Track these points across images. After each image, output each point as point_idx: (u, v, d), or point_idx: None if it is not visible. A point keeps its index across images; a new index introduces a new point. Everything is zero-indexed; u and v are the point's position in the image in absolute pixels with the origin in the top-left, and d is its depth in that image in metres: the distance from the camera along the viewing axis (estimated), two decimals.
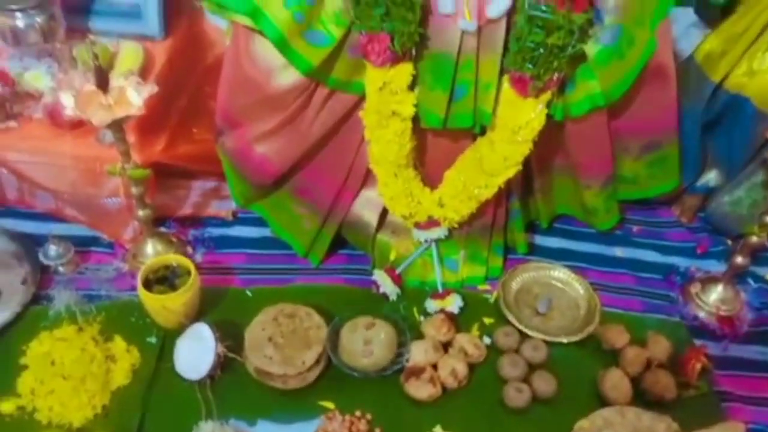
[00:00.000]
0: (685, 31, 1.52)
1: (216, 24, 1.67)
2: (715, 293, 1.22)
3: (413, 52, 0.98)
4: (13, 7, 1.33)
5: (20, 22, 1.35)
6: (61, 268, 1.23)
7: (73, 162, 1.25)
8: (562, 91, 1.04)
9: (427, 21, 0.97)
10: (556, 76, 0.98)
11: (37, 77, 1.35)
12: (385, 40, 0.94)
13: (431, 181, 1.16)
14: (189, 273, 1.10)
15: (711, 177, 1.37)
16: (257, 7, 0.95)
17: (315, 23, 0.98)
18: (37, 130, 1.28)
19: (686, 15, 1.52)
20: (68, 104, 1.01)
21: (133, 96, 1.01)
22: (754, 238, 1.12)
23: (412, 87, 1.02)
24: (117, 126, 1.02)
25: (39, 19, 1.35)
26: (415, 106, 1.02)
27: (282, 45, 0.97)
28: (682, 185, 1.34)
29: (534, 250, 1.34)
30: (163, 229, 1.33)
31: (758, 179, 1.22)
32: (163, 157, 1.30)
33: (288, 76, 1.04)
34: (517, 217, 1.26)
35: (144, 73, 1.41)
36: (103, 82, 1.00)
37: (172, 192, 1.40)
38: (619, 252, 1.35)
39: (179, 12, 1.57)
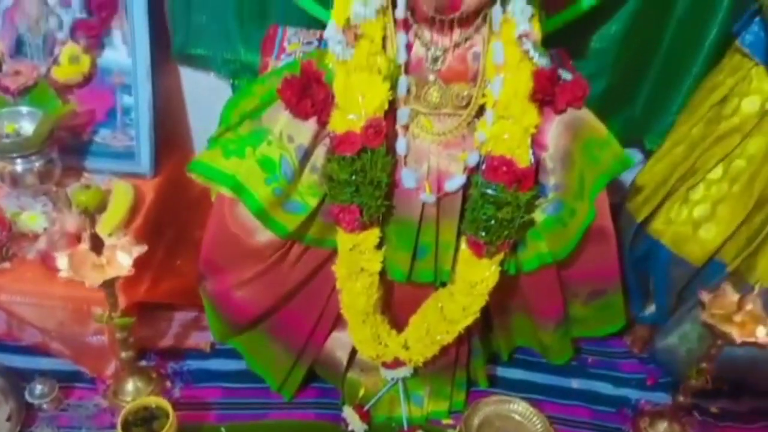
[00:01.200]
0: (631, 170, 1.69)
1: None
2: (662, 428, 1.30)
3: (380, 218, 1.10)
4: (14, 154, 1.45)
5: (19, 167, 1.46)
6: (45, 406, 1.29)
7: (63, 303, 1.33)
8: (515, 251, 1.16)
9: (392, 192, 1.09)
10: (507, 241, 1.10)
11: (32, 218, 1.44)
12: (355, 212, 1.06)
13: (398, 324, 1.26)
14: (167, 416, 1.16)
15: (653, 309, 1.50)
16: (241, 184, 1.07)
17: (293, 195, 1.10)
18: (29, 272, 1.36)
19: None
20: (63, 266, 1.09)
21: (124, 258, 1.10)
22: (693, 382, 1.22)
23: (379, 246, 1.13)
24: (108, 284, 1.11)
25: (37, 164, 1.46)
26: (382, 263, 1.13)
27: (262, 216, 1.08)
28: (630, 316, 1.46)
29: (496, 382, 1.42)
30: (143, 363, 1.40)
31: (688, 328, 1.34)
32: (147, 297, 1.38)
33: (267, 235, 1.15)
34: (479, 354, 1.35)
35: (133, 211, 1.51)
36: (97, 244, 1.09)
37: (153, 324, 1.48)
38: (575, 384, 1.44)
39: (169, 148, 1.69)
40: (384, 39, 1.04)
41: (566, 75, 1.32)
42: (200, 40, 1.56)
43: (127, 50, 1.50)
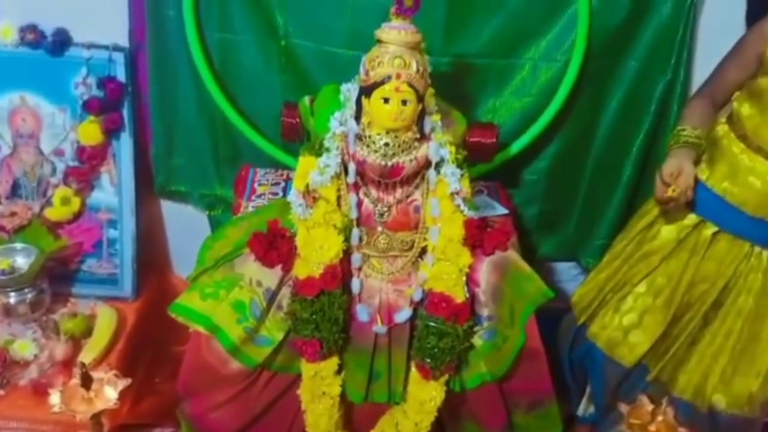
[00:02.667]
0: (574, 278, 1.89)
1: (183, 277, 1.96)
2: None
3: (339, 348, 1.26)
4: (9, 288, 1.59)
5: (13, 299, 1.60)
6: None
7: (53, 427, 1.45)
8: (458, 371, 1.32)
9: (349, 325, 1.26)
10: (451, 365, 1.26)
11: (23, 346, 1.57)
12: (316, 345, 1.22)
13: None
14: None
15: (593, 410, 1.65)
16: (215, 324, 1.23)
17: (261, 330, 1.26)
18: (21, 399, 1.48)
19: (570, 268, 1.90)
20: (55, 402, 1.22)
21: (110, 392, 1.24)
22: None
23: (339, 372, 1.28)
24: (96, 415, 1.24)
25: (30, 295, 1.61)
26: (342, 386, 1.28)
27: (234, 352, 1.24)
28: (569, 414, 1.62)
29: None
30: None
31: (624, 428, 1.50)
32: (129, 418, 1.51)
33: (238, 364, 1.29)
34: None
35: (116, 334, 1.65)
36: (86, 381, 1.22)
37: None
38: None
39: (149, 271, 1.85)
40: (339, 198, 1.23)
41: (500, 209, 1.55)
42: (180, 179, 1.76)
43: (114, 190, 1.69)
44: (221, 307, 1.24)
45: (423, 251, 1.28)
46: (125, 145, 1.65)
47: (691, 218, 1.40)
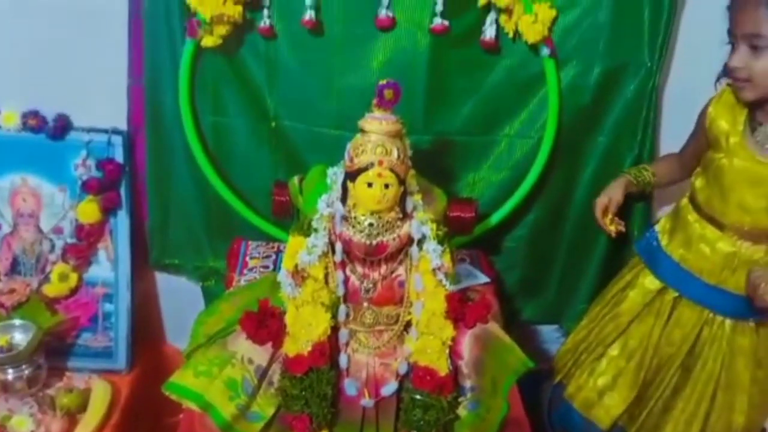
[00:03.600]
0: (557, 341, 1.94)
1: (176, 347, 2.00)
2: None
3: (328, 423, 1.30)
4: (7, 365, 1.63)
5: (10, 375, 1.63)
6: None
7: None
8: None
9: (337, 399, 1.30)
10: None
11: (20, 422, 1.59)
12: (306, 420, 1.26)
13: None
14: None
15: None
16: (208, 402, 1.27)
17: (252, 406, 1.29)
18: None
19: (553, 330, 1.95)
20: None
21: None
22: None
23: None
24: None
25: (27, 371, 1.64)
26: None
27: (226, 429, 1.27)
28: None
29: None
30: None
31: None
32: None
33: None
34: None
35: (111, 408, 1.68)
36: None
37: None
38: None
39: (143, 342, 1.88)
40: (326, 275, 1.30)
41: (482, 278, 1.61)
42: (174, 252, 1.82)
43: (110, 265, 1.74)
44: (214, 384, 1.28)
45: (408, 325, 1.33)
46: (122, 222, 1.71)
47: (656, 283, 1.48)
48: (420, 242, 1.30)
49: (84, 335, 1.78)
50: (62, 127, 1.63)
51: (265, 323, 1.28)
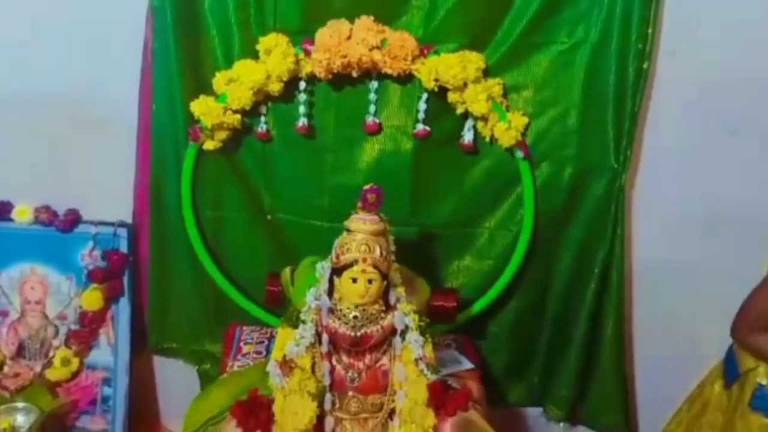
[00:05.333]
0: (543, 426, 1.97)
1: (171, 428, 2.05)
2: None
3: None
4: None
5: None
6: None
7: None
8: None
9: None
10: None
11: None
12: None
13: None
14: None
15: None
16: None
17: None
18: None
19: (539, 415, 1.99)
20: None
21: None
22: None
23: None
24: None
25: None
26: None
27: None
28: None
29: None
30: None
31: None
32: None
33: None
34: None
35: None
36: None
37: None
38: None
39: (140, 422, 1.93)
40: (313, 365, 1.37)
41: (466, 364, 1.68)
42: (172, 337, 1.90)
43: (110, 350, 1.82)
44: None
45: (392, 412, 1.40)
46: (123, 309, 1.80)
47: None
48: (403, 333, 1.38)
49: (83, 418, 1.84)
50: (72, 220, 1.75)
51: (255, 412, 1.35)
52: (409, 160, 1.66)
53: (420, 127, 1.62)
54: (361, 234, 1.34)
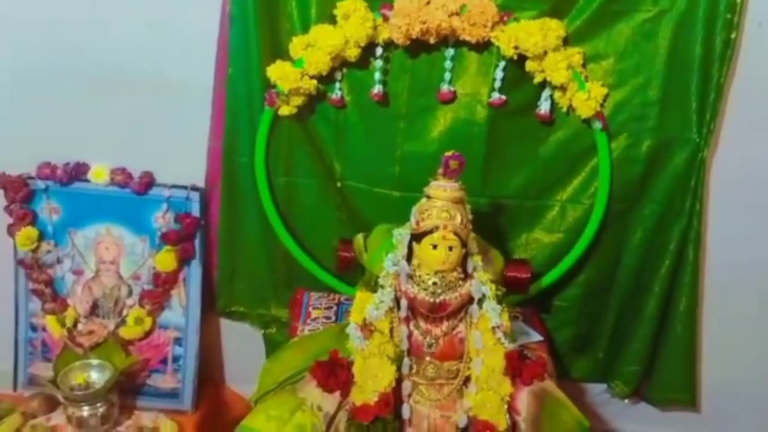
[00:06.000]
0: (607, 401, 1.97)
1: (233, 389, 2.10)
2: None
3: None
4: (83, 403, 1.74)
5: (86, 412, 1.74)
6: None
7: None
8: None
9: None
10: None
11: None
12: None
13: None
14: None
15: None
16: None
17: None
18: None
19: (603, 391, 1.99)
20: None
21: None
22: None
23: None
24: None
25: (101, 409, 1.75)
26: None
27: None
28: None
29: None
30: None
31: None
32: None
33: None
34: None
35: None
36: None
37: None
38: None
39: (205, 385, 1.98)
40: (391, 330, 1.39)
41: (535, 336, 1.68)
42: (239, 300, 1.93)
43: (182, 311, 1.86)
44: (285, 429, 1.36)
45: (467, 379, 1.41)
46: (195, 271, 1.84)
47: None
48: (480, 301, 1.39)
49: (154, 376, 1.89)
50: (147, 183, 1.77)
51: (335, 373, 1.37)
52: (483, 129, 1.65)
53: (496, 96, 1.60)
54: (442, 201, 1.34)
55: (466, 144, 1.65)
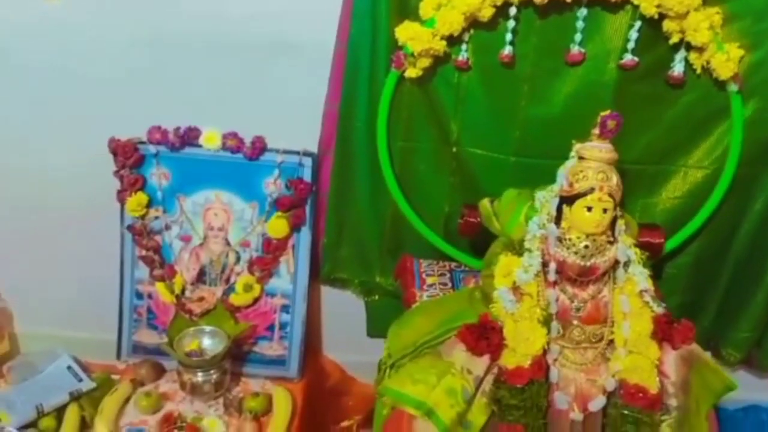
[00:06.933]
0: None
1: (331, 357, 2.09)
2: None
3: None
4: (199, 368, 1.74)
5: (200, 378, 1.74)
6: None
7: None
8: None
9: (547, 412, 1.37)
10: None
11: (212, 423, 1.70)
12: (521, 430, 1.33)
13: None
14: None
15: None
16: (431, 408, 1.35)
17: (468, 415, 1.37)
18: None
19: None
20: None
21: None
22: None
23: None
24: None
25: (215, 375, 1.75)
26: None
27: None
28: None
29: None
30: None
31: None
32: None
33: None
34: None
35: (293, 415, 1.77)
36: None
37: None
38: None
39: (307, 352, 1.98)
40: (537, 294, 1.37)
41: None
42: (344, 268, 1.92)
43: (290, 278, 1.85)
44: (435, 392, 1.36)
45: (610, 343, 1.40)
46: (304, 237, 1.82)
47: None
48: (625, 265, 1.37)
49: (260, 343, 1.89)
50: (259, 148, 1.75)
51: (486, 336, 1.36)
52: (610, 92, 1.60)
53: (628, 57, 1.56)
54: (597, 162, 1.32)
55: (592, 107, 1.58)
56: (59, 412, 1.82)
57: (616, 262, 1.38)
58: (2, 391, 1.87)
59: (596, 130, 1.33)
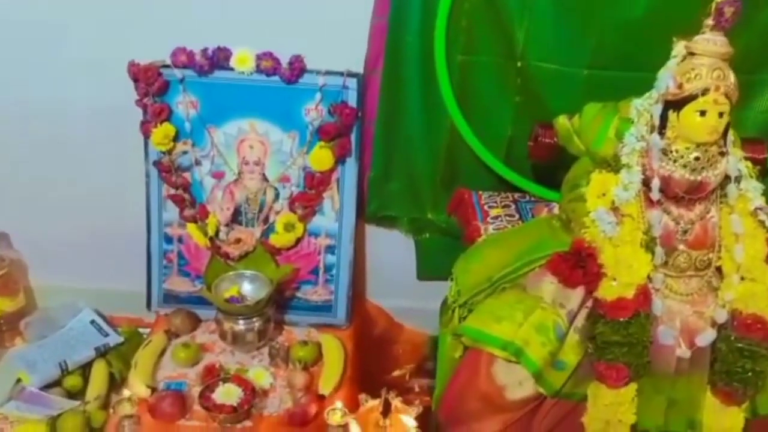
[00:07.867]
0: None
1: (376, 303, 1.94)
2: None
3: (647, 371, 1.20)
4: (240, 316, 1.58)
5: (242, 326, 1.58)
6: None
7: None
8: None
9: (649, 349, 1.21)
10: (759, 388, 1.20)
11: (259, 375, 1.55)
12: (623, 369, 1.17)
13: None
14: None
15: None
16: (520, 348, 1.19)
17: (559, 354, 1.21)
18: (274, 430, 1.44)
19: None
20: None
21: (408, 420, 1.19)
22: None
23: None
24: None
25: (257, 324, 1.59)
26: (636, 414, 1.23)
27: (538, 376, 1.19)
28: None
29: None
30: None
31: None
32: None
33: (521, 392, 1.24)
34: None
35: (345, 364, 1.61)
36: (387, 408, 1.19)
37: None
38: None
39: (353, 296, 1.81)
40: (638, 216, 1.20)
41: None
42: (392, 204, 1.74)
43: (335, 216, 1.67)
44: (523, 330, 1.20)
45: (716, 270, 1.24)
46: (350, 170, 1.63)
47: None
48: (737, 180, 1.20)
49: (303, 288, 1.72)
50: (298, 69, 1.55)
51: (582, 265, 1.19)
52: None
53: None
54: (711, 58, 1.14)
55: (679, 9, 1.40)
56: (84, 369, 1.67)
57: (726, 178, 1.20)
58: (20, 349, 1.70)
59: (710, 20, 1.14)
